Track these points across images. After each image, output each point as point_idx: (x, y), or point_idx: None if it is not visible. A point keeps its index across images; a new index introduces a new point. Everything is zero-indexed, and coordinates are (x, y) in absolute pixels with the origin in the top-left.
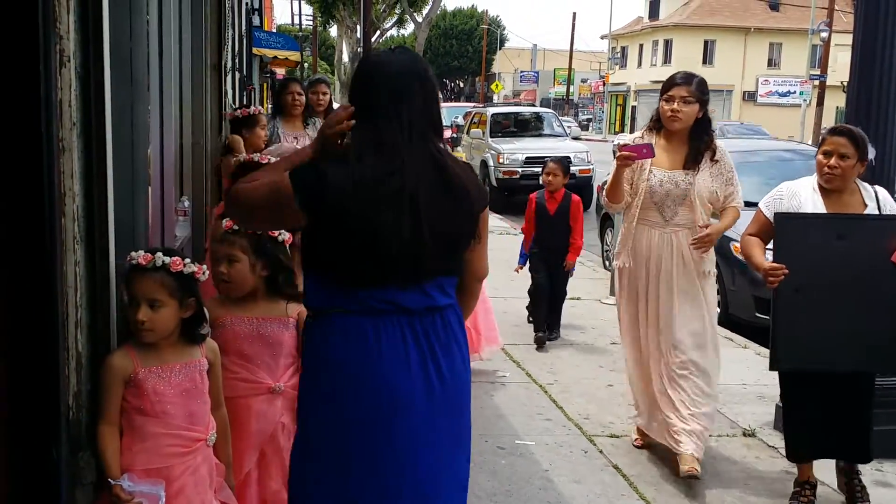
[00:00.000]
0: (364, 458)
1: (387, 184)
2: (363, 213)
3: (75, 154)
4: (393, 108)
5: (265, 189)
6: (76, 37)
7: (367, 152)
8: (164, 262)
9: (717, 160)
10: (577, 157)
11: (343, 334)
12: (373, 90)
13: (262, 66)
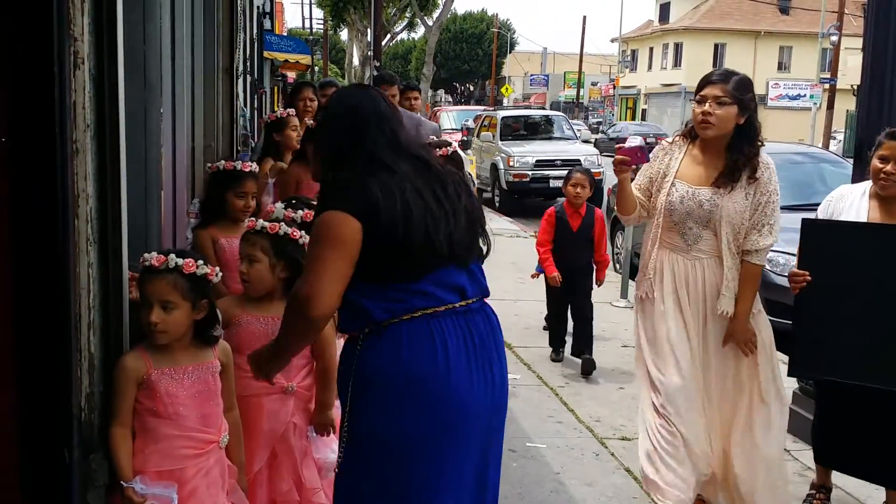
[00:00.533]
0: (433, 470)
1: (413, 182)
2: (409, 211)
3: (89, 156)
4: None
5: (329, 268)
6: (90, 39)
7: (377, 170)
8: (177, 263)
9: (758, 178)
10: (588, 160)
11: (410, 346)
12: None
13: (273, 69)
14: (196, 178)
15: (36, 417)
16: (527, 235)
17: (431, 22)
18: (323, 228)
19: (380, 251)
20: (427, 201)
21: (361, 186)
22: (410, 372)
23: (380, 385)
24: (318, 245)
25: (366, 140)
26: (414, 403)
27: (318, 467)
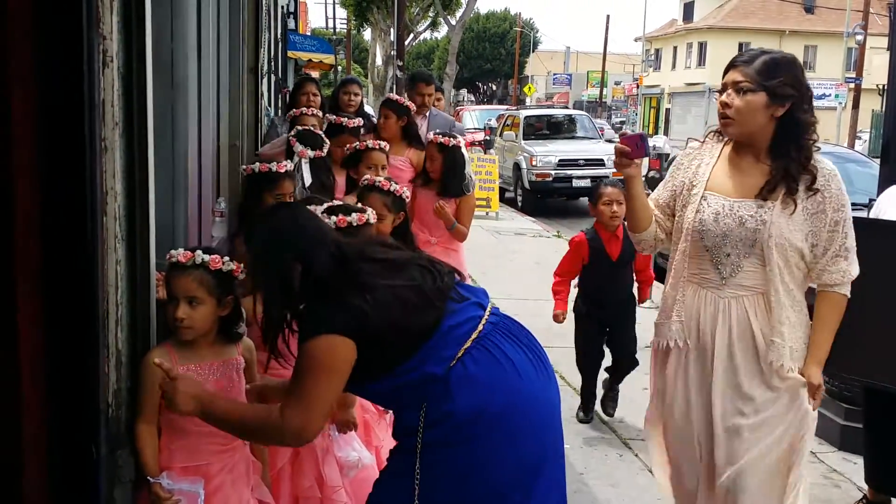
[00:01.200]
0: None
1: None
2: (394, 305)
3: (117, 154)
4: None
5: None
6: (119, 37)
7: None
8: (204, 259)
9: (819, 189)
10: (612, 159)
11: (485, 372)
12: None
13: (297, 68)
14: (221, 177)
15: (64, 413)
16: (549, 235)
17: (454, 21)
18: (315, 357)
19: (387, 347)
20: (401, 286)
21: (339, 302)
22: (495, 398)
23: (479, 424)
24: (311, 374)
25: (313, 266)
26: (512, 426)
27: (340, 465)
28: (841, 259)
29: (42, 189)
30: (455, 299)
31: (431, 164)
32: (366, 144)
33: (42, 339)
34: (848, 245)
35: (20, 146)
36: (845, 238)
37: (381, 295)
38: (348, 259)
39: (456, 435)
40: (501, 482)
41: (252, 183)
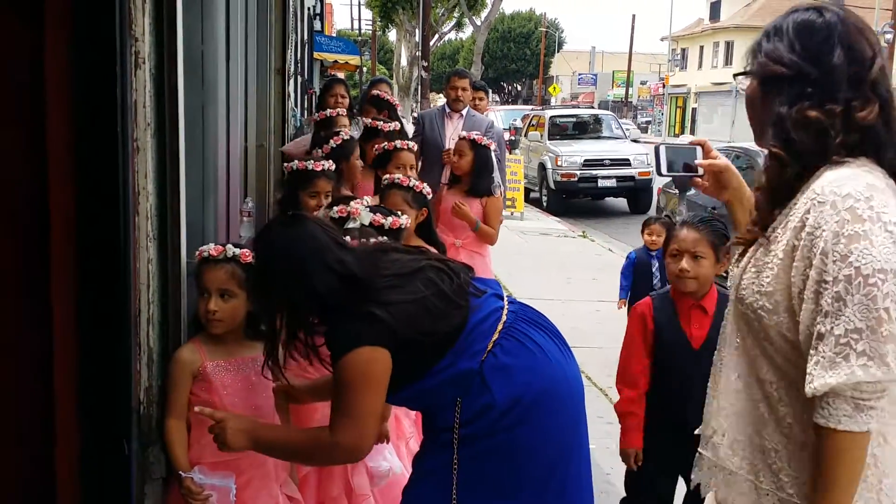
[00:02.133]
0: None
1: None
2: (415, 307)
3: (149, 154)
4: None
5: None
6: (151, 39)
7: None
8: (235, 253)
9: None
10: (637, 159)
11: (516, 360)
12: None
13: (323, 70)
14: (248, 177)
15: (96, 410)
16: (574, 235)
17: (479, 22)
18: (355, 370)
19: (419, 352)
20: (422, 297)
21: (365, 314)
22: (531, 384)
23: (518, 411)
24: (354, 389)
25: (315, 288)
26: (549, 408)
27: (370, 475)
28: (813, 352)
29: (76, 189)
30: (475, 294)
31: (460, 160)
32: (394, 145)
33: (75, 338)
34: (831, 325)
35: (55, 148)
36: (833, 308)
37: (402, 308)
38: (356, 276)
39: (497, 425)
40: (544, 464)
41: (290, 180)
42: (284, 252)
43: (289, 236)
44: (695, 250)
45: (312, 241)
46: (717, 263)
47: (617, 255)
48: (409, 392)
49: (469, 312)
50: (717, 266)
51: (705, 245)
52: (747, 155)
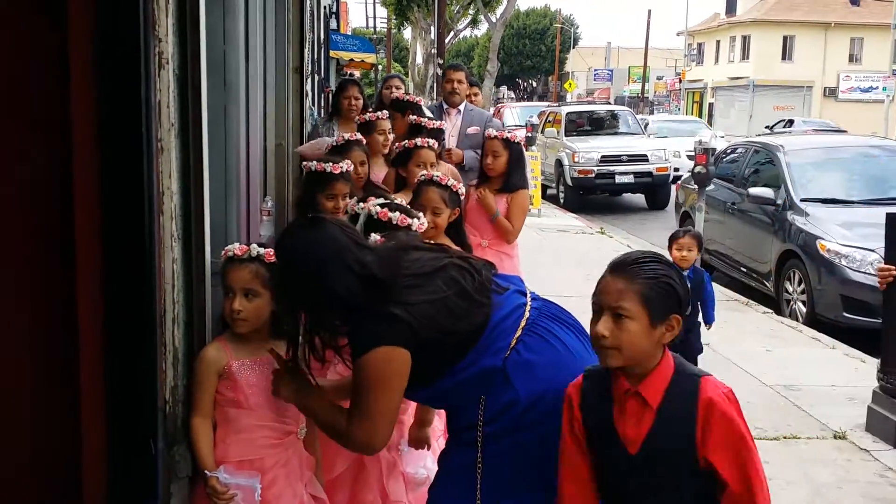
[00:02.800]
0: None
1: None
2: (437, 307)
3: (173, 154)
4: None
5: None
6: (174, 39)
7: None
8: (259, 252)
9: None
10: (655, 154)
11: (540, 357)
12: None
13: (339, 68)
14: (268, 176)
15: (122, 410)
16: (592, 232)
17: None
18: (373, 369)
19: (440, 352)
20: (443, 296)
21: (386, 315)
22: (554, 380)
23: (542, 407)
24: (371, 388)
25: (336, 291)
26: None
27: (407, 481)
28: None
29: (101, 190)
30: (498, 291)
31: (495, 161)
32: (415, 142)
33: (101, 337)
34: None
35: (80, 148)
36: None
37: (423, 309)
38: (377, 277)
39: (521, 421)
40: None
41: (307, 181)
42: (304, 255)
43: (309, 239)
44: (617, 305)
45: (332, 243)
46: (653, 329)
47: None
48: (432, 391)
49: (491, 310)
50: (652, 332)
51: (634, 300)
52: (766, 150)
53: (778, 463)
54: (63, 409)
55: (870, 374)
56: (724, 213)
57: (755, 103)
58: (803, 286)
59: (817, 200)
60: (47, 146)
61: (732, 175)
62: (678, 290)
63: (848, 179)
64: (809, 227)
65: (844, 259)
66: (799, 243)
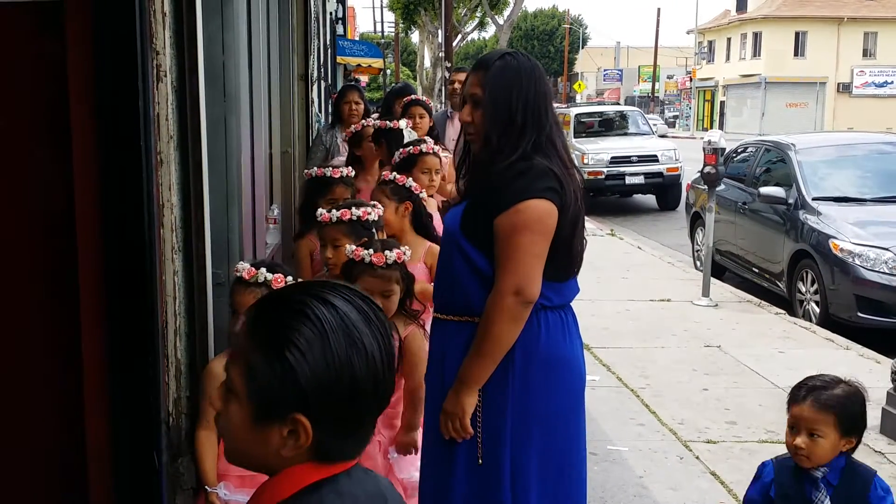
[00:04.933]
0: (578, 437)
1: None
2: (572, 222)
3: (173, 166)
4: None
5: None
6: (172, 52)
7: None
8: (266, 278)
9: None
10: (665, 154)
11: (548, 332)
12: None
13: (346, 73)
14: (274, 184)
15: (126, 422)
16: (603, 234)
17: (502, 21)
18: (534, 216)
19: (554, 245)
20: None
21: (554, 177)
22: (550, 353)
23: (521, 364)
24: (526, 234)
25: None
26: (556, 380)
27: (403, 487)
28: None
29: (101, 202)
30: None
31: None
32: (420, 149)
33: (104, 350)
34: None
35: (80, 162)
36: None
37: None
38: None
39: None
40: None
41: (308, 188)
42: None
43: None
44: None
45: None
46: (838, 442)
47: (646, 253)
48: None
49: (574, 276)
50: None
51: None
52: (778, 148)
53: None
54: (67, 422)
55: (884, 375)
56: (736, 213)
57: (767, 101)
58: (816, 286)
59: (830, 199)
60: (47, 160)
61: (743, 174)
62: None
63: (860, 177)
64: (822, 226)
65: (858, 258)
66: (811, 243)
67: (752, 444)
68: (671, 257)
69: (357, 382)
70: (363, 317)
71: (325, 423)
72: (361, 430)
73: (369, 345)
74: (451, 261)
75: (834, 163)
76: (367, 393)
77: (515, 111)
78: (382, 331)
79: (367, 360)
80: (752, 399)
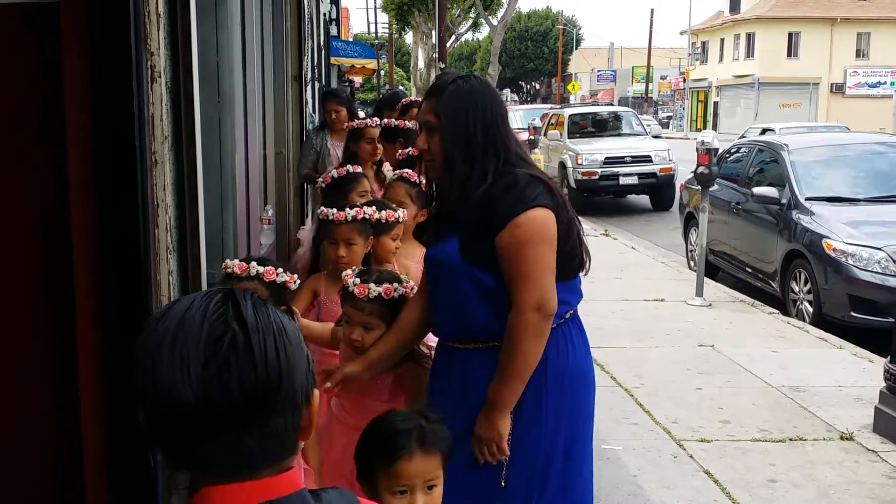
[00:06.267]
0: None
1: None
2: (568, 222)
3: (167, 167)
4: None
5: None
6: (166, 53)
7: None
8: (259, 271)
9: None
10: (659, 155)
11: (573, 345)
12: None
13: (340, 74)
14: (268, 185)
15: (122, 422)
16: (597, 234)
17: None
18: (535, 227)
19: (558, 249)
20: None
21: (541, 183)
22: (576, 369)
23: (553, 383)
24: (531, 247)
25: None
26: (582, 395)
27: None
28: None
29: (96, 203)
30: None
31: None
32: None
33: (99, 351)
34: None
35: (75, 162)
36: None
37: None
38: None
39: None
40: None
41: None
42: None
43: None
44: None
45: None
46: None
47: (640, 253)
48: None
49: (578, 275)
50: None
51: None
52: (770, 148)
53: (784, 465)
54: (63, 422)
55: (877, 374)
56: (729, 214)
57: (761, 101)
58: (809, 286)
59: (823, 199)
60: (42, 160)
61: (736, 175)
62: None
63: (853, 177)
64: (815, 226)
65: (851, 258)
66: (804, 243)
67: (746, 442)
68: (665, 257)
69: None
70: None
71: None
72: (194, 452)
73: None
74: (459, 293)
75: (827, 163)
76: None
77: (474, 132)
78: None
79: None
80: (745, 398)
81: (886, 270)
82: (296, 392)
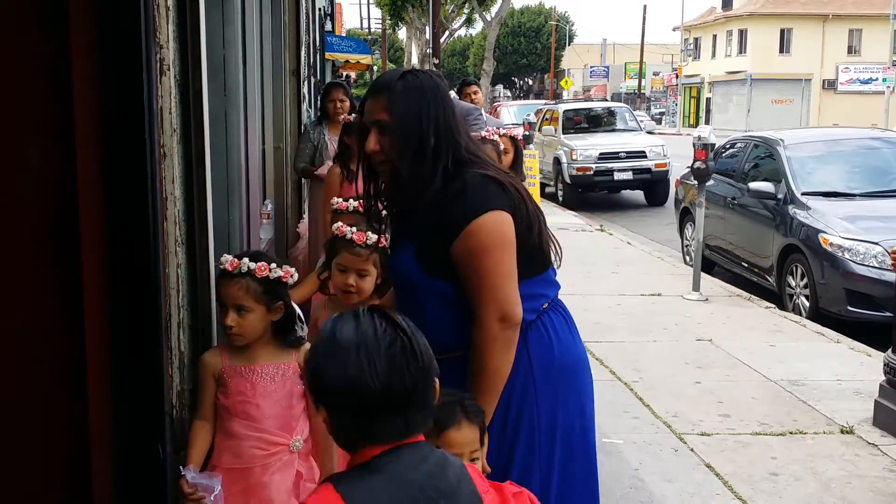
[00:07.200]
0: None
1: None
2: (527, 219)
3: (176, 159)
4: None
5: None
6: (175, 46)
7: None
8: (250, 268)
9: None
10: (653, 151)
11: (557, 335)
12: None
13: (335, 69)
14: (267, 179)
15: (130, 415)
16: (592, 229)
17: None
18: (489, 233)
19: (522, 248)
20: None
21: (493, 183)
22: (564, 359)
23: (541, 377)
24: (488, 255)
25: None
26: (575, 387)
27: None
28: None
29: (105, 196)
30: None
31: (504, 158)
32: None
33: (108, 343)
34: None
35: (84, 155)
36: None
37: (519, 196)
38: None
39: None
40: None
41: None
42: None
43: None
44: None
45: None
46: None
47: (635, 248)
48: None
49: (550, 265)
50: None
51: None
52: (766, 144)
53: (785, 458)
54: (71, 415)
55: (876, 367)
56: (725, 209)
57: (753, 97)
58: (806, 280)
59: (818, 194)
60: (50, 153)
61: (732, 170)
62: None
63: (849, 172)
64: (811, 220)
65: (847, 252)
66: (801, 237)
67: (746, 436)
68: (660, 252)
69: (362, 388)
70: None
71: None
72: (378, 424)
73: (378, 360)
74: (422, 305)
75: (822, 158)
76: (376, 397)
77: (427, 131)
78: (405, 348)
79: (371, 372)
80: (744, 392)
81: (883, 265)
82: (434, 375)
